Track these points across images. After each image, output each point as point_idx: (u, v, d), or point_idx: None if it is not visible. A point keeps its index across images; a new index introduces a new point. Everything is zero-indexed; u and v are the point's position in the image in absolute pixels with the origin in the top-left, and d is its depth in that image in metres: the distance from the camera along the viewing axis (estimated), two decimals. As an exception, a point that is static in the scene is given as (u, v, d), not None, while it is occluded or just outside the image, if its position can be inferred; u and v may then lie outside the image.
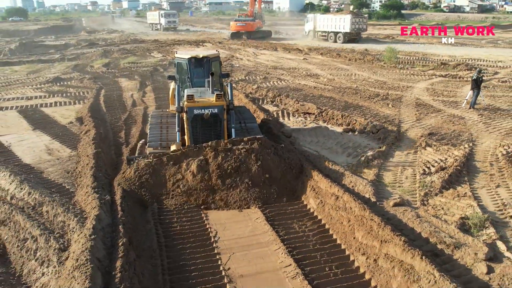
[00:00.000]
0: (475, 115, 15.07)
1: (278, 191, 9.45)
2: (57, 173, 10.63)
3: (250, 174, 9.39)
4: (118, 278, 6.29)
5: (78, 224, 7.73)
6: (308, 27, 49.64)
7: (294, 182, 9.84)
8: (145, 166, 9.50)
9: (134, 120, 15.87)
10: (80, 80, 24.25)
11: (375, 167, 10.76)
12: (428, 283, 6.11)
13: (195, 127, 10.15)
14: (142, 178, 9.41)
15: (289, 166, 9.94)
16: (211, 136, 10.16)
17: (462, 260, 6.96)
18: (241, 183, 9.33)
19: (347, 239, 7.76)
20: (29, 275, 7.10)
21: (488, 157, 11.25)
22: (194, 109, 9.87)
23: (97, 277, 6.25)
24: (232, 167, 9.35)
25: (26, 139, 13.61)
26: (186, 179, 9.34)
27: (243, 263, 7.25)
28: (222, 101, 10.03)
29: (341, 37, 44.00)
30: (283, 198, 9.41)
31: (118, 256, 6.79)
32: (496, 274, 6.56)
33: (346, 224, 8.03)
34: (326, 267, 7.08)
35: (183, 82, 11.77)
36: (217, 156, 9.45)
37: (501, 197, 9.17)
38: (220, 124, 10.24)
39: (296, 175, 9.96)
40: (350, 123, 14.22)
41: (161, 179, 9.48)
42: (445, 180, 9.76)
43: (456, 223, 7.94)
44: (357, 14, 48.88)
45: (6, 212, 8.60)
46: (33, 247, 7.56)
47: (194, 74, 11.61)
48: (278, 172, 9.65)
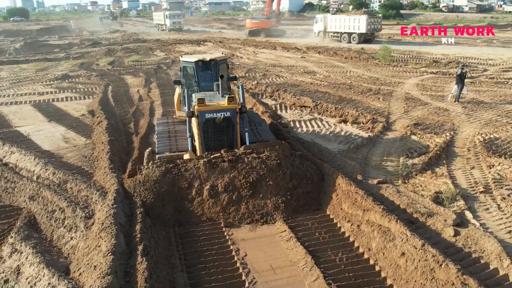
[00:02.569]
0: (459, 107, 16.21)
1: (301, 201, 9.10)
2: (76, 158, 11.75)
3: (273, 184, 8.88)
4: (138, 238, 7.42)
5: (100, 197, 8.85)
6: (318, 27, 48.66)
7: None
8: (159, 174, 8.91)
9: (142, 113, 16.98)
10: (87, 77, 25.37)
11: (363, 152, 11.88)
12: (401, 241, 7.22)
13: (207, 132, 9.63)
14: (158, 187, 8.85)
15: (309, 174, 9.54)
16: (223, 141, 9.73)
17: (433, 226, 8.08)
18: (264, 194, 8.82)
19: (335, 210, 8.88)
20: (58, 240, 8.22)
21: (467, 144, 12.37)
22: (205, 113, 9.40)
23: (120, 237, 7.38)
24: (252, 177, 8.82)
25: (43, 129, 14.73)
26: (202, 198, 8.82)
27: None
28: (235, 104, 9.61)
29: (355, 37, 43.06)
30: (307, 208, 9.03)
31: (137, 222, 7.93)
32: (461, 236, 7.68)
33: (334, 198, 9.14)
34: (316, 232, 8.21)
35: (190, 86, 11.36)
36: (235, 167, 8.91)
37: (474, 177, 10.29)
38: (233, 128, 9.76)
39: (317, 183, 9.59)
40: (343, 115, 15.33)
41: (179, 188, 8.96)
42: (425, 162, 10.90)
43: (430, 197, 9.08)
44: (372, 14, 48.72)
45: (34, 189, 9.73)
46: (61, 217, 8.69)
47: (201, 77, 11.20)
48: (300, 180, 9.26)
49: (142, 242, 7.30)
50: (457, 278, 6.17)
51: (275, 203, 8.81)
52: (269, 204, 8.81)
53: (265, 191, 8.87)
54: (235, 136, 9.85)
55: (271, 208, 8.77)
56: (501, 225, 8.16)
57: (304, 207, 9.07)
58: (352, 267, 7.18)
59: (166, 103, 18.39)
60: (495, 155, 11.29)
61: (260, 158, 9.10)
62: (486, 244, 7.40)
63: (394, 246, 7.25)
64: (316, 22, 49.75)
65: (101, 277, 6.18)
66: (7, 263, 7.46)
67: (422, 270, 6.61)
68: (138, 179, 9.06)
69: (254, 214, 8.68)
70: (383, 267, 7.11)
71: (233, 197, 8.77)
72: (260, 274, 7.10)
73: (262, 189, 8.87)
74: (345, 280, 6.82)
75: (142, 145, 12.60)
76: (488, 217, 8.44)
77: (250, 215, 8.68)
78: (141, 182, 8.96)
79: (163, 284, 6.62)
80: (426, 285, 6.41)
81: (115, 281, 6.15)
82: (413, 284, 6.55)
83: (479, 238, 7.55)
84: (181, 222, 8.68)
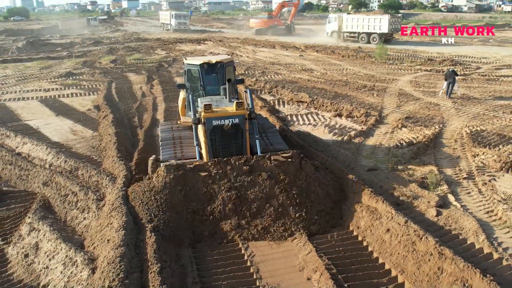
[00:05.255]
0: (449, 102, 16.93)
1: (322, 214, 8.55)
2: (84, 148, 12.44)
3: (290, 196, 8.36)
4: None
5: (110, 182, 9.54)
6: (331, 27, 47.59)
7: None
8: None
9: (145, 108, 17.67)
10: (91, 74, 26.05)
11: (356, 144, 12.57)
12: (386, 219, 7.92)
13: (214, 140, 9.04)
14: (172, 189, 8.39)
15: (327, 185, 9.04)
16: (232, 150, 9.14)
17: (418, 207, 8.78)
18: (279, 207, 8.26)
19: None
20: (72, 221, 8.91)
21: (454, 136, 13.08)
22: (212, 120, 8.84)
23: (129, 215, 8.05)
24: (268, 189, 8.31)
25: (51, 123, 15.41)
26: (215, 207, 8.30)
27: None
28: (243, 110, 9.03)
29: (376, 37, 42.01)
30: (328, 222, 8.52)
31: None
32: (443, 216, 8.39)
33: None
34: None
35: (195, 90, 10.87)
36: (247, 178, 8.41)
37: (459, 165, 11.00)
38: (242, 135, 9.15)
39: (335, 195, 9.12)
40: (338, 109, 16.02)
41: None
42: (414, 152, 11.60)
43: (416, 182, 9.77)
44: (393, 14, 48.29)
45: (47, 175, 10.42)
46: (74, 200, 9.38)
47: (207, 81, 10.70)
48: (320, 191, 8.77)
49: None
50: (435, 249, 6.86)
51: (294, 217, 8.23)
52: (288, 219, 8.24)
53: (281, 205, 8.28)
54: (244, 144, 9.24)
55: (290, 223, 8.21)
56: (480, 206, 8.86)
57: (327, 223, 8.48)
58: (342, 243, 7.87)
59: (168, 99, 19.06)
60: (480, 145, 11.99)
61: (277, 170, 8.54)
62: (465, 222, 8.11)
63: (380, 224, 7.94)
64: (329, 22, 48.73)
65: (114, 249, 6.86)
66: (26, 240, 8.14)
67: (404, 244, 7.30)
68: (143, 188, 8.56)
69: (271, 230, 8.10)
70: (370, 243, 7.80)
71: (248, 210, 8.22)
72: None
73: (279, 203, 8.29)
74: (335, 253, 7.51)
75: (147, 137, 13.33)
76: (469, 200, 9.14)
77: (266, 231, 8.09)
78: (147, 191, 8.48)
79: (170, 257, 7.30)
80: (408, 257, 7.10)
81: (127, 252, 6.84)
82: (396, 256, 7.24)
83: (459, 218, 8.26)
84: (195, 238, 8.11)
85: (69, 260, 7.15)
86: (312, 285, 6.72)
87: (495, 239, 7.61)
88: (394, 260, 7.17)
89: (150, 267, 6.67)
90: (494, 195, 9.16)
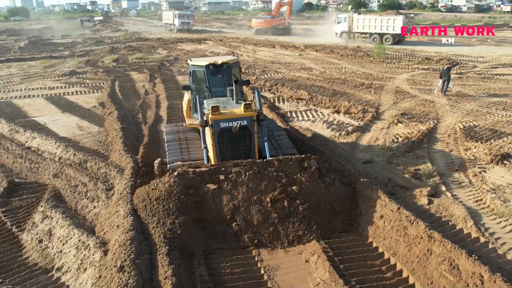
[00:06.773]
0: (445, 99, 17.41)
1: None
2: (92, 143, 12.91)
3: (304, 201, 8.16)
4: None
5: (118, 173, 10.01)
6: (341, 28, 46.65)
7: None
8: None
9: (149, 105, 18.14)
10: (94, 73, 26.51)
11: (353, 138, 13.05)
12: (380, 206, 8.39)
13: (222, 143, 8.91)
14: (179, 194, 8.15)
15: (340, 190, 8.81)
16: (240, 153, 9.01)
17: (410, 197, 9.26)
18: (293, 213, 8.05)
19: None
20: (82, 210, 9.38)
21: (448, 131, 13.55)
22: (220, 122, 8.71)
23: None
24: (281, 193, 8.09)
25: (58, 119, 15.88)
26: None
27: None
28: (251, 112, 8.88)
29: (389, 38, 41.72)
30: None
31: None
32: (434, 204, 8.87)
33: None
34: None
35: (200, 92, 10.71)
36: (260, 182, 8.15)
37: (452, 158, 11.47)
38: (250, 138, 9.01)
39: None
40: (336, 106, 16.50)
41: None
42: (408, 146, 12.08)
43: (410, 173, 10.24)
44: (406, 15, 47.85)
45: (57, 168, 10.90)
46: (83, 190, 9.86)
47: (213, 82, 10.52)
48: (333, 197, 8.55)
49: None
50: (425, 233, 7.33)
51: (308, 224, 8.07)
52: (302, 225, 8.07)
53: (297, 212, 8.09)
54: (252, 146, 9.09)
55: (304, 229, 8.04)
56: (470, 196, 9.34)
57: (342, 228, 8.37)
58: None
59: (170, 97, 19.53)
60: (473, 140, 12.47)
61: (293, 176, 8.36)
62: (454, 210, 8.59)
63: (374, 211, 8.41)
64: (338, 23, 47.78)
65: (124, 233, 7.34)
66: (39, 227, 8.60)
67: (396, 229, 7.77)
68: (150, 193, 8.32)
69: (286, 236, 7.93)
70: (365, 229, 8.27)
71: (263, 216, 8.00)
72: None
73: (294, 210, 8.11)
74: (332, 238, 7.98)
75: (151, 133, 13.79)
76: (460, 190, 9.62)
77: (282, 237, 7.92)
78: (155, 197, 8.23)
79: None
80: (400, 240, 7.57)
81: (136, 235, 7.31)
82: (389, 240, 7.72)
83: (449, 206, 8.74)
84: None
85: (82, 244, 7.62)
86: (310, 266, 7.20)
87: (482, 225, 8.08)
88: (387, 244, 7.65)
89: (158, 249, 7.14)
90: (484, 185, 9.64)
